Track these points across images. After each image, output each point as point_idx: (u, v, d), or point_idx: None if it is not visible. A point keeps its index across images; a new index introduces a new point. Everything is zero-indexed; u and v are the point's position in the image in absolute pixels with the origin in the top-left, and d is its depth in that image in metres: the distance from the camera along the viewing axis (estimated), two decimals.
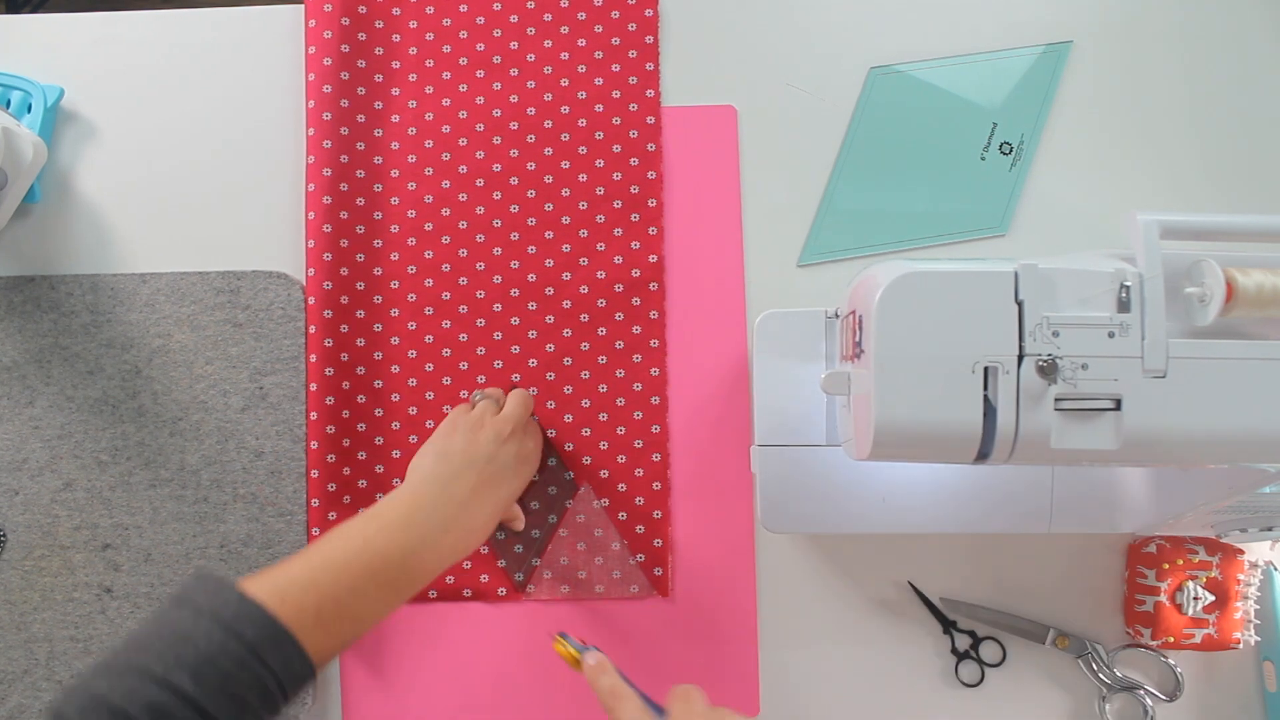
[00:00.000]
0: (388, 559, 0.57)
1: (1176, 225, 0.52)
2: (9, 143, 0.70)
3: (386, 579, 0.56)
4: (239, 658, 0.49)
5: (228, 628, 0.49)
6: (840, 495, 0.67)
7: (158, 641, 0.49)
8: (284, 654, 0.50)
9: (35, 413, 0.74)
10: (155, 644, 0.48)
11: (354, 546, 0.56)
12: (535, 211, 0.75)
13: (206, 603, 0.50)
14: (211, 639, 0.48)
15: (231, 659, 0.48)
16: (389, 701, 0.73)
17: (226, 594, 0.50)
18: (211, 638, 0.48)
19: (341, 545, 0.56)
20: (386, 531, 0.58)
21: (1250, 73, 0.76)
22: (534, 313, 0.74)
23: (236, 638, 0.49)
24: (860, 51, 0.76)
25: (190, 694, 0.47)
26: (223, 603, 0.50)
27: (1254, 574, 0.70)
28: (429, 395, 0.74)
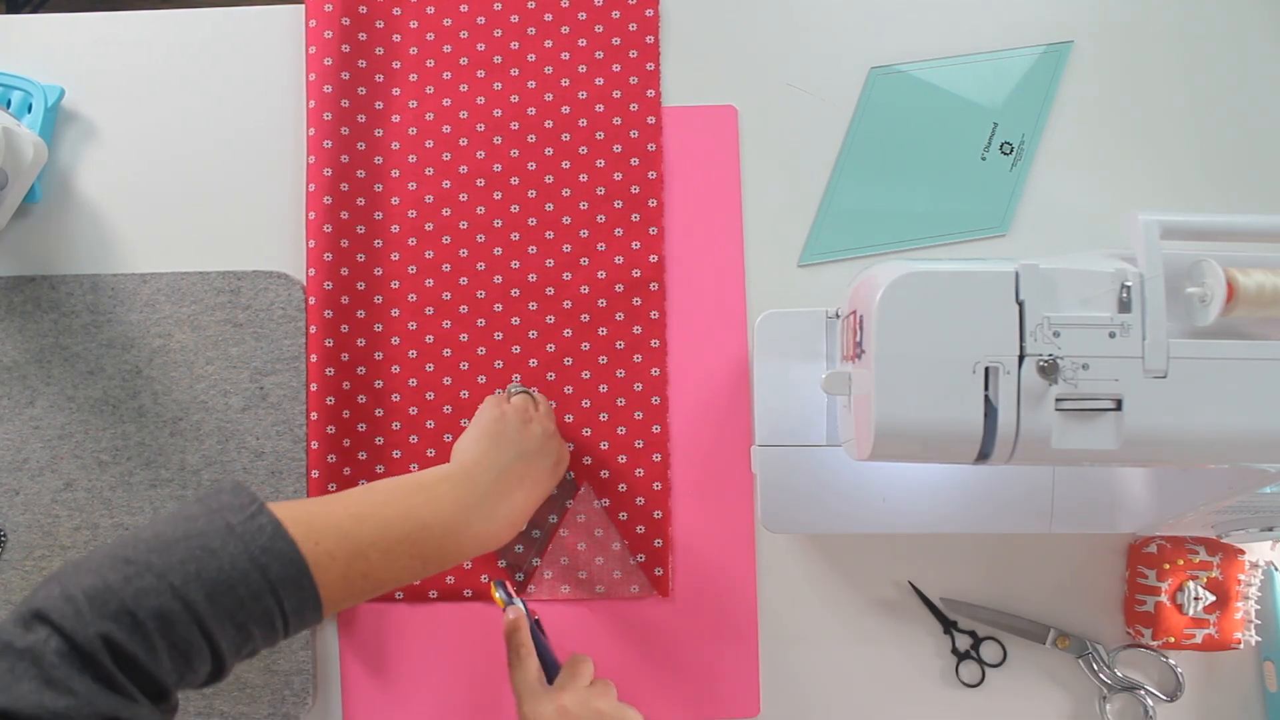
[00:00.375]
0: (429, 531, 0.56)
1: (1177, 225, 0.52)
2: (9, 143, 0.70)
3: (420, 551, 0.55)
4: (257, 591, 0.48)
5: (255, 558, 0.48)
6: (840, 495, 0.67)
7: (182, 548, 0.47)
8: (301, 598, 0.50)
9: (36, 413, 0.74)
10: (179, 550, 0.47)
11: (398, 511, 0.55)
12: (536, 211, 0.75)
13: (240, 525, 0.49)
14: (236, 564, 0.47)
15: (250, 590, 0.48)
16: (389, 701, 0.73)
17: (261, 520, 0.49)
18: (237, 563, 0.47)
19: (384, 505, 0.55)
20: (433, 504, 0.56)
21: (1250, 72, 0.76)
22: (534, 313, 0.74)
23: (261, 570, 0.48)
24: (860, 51, 0.76)
25: (201, 612, 0.46)
26: (257, 529, 0.49)
27: (1254, 574, 0.70)
28: (429, 395, 0.74)
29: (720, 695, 0.72)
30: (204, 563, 0.47)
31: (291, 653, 0.72)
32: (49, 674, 0.42)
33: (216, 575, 0.47)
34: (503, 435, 0.62)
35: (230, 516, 0.49)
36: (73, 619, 0.43)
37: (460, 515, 0.57)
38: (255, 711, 0.72)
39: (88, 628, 0.43)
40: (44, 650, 0.42)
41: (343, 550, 0.52)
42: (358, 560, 0.52)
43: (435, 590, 0.73)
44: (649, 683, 0.73)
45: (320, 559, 0.50)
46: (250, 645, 0.49)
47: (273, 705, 0.72)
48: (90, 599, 0.44)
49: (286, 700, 0.72)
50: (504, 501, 0.60)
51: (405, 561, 0.55)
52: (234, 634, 0.48)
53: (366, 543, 0.53)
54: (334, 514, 0.53)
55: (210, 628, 0.46)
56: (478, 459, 0.61)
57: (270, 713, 0.72)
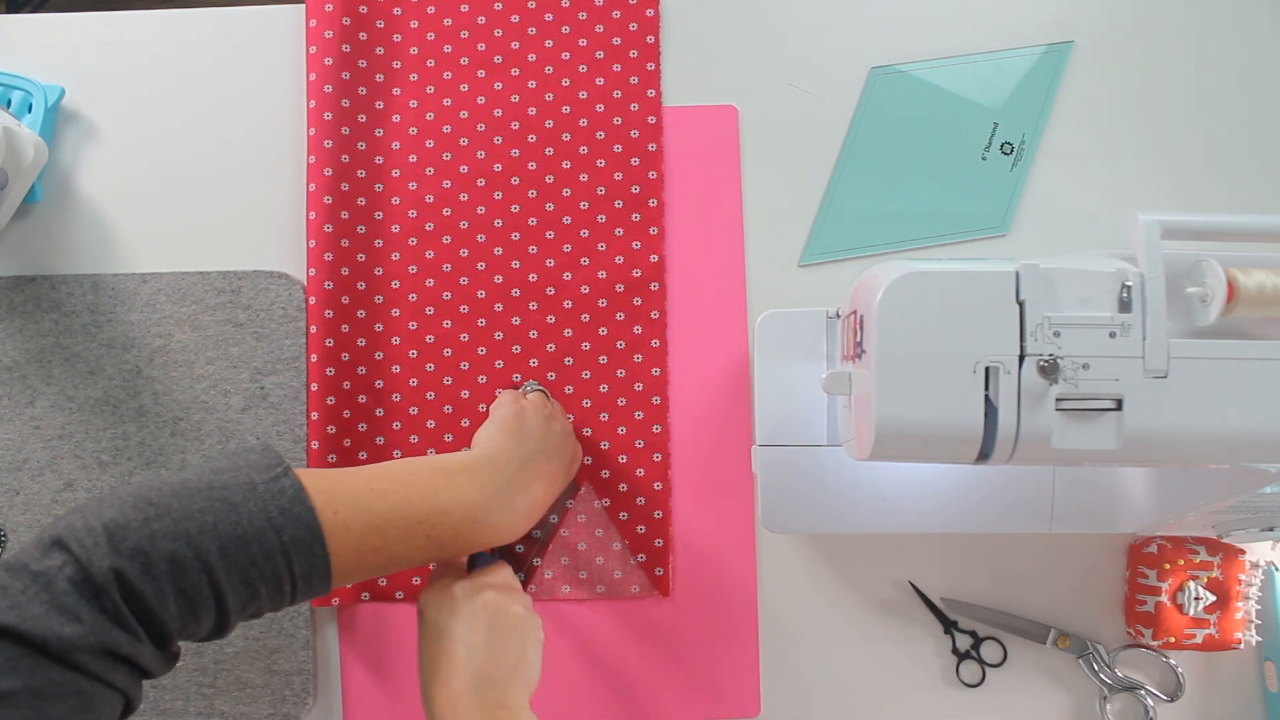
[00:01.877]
0: (448, 516, 0.55)
1: (1177, 225, 0.52)
2: (9, 143, 0.70)
3: (437, 535, 0.55)
4: (270, 550, 0.48)
5: (272, 518, 0.48)
6: (841, 495, 0.67)
7: (203, 498, 0.48)
8: (312, 564, 0.50)
9: (36, 413, 0.74)
10: (200, 499, 0.48)
11: (420, 492, 0.55)
12: (536, 211, 0.75)
13: (264, 484, 0.49)
14: (254, 521, 0.48)
15: (264, 549, 0.48)
16: (389, 701, 0.73)
17: (285, 482, 0.50)
18: (254, 520, 0.48)
19: (406, 485, 0.55)
20: (454, 490, 0.56)
21: (1251, 72, 0.76)
22: (535, 313, 0.74)
23: (276, 531, 0.48)
24: (861, 51, 0.76)
25: (212, 563, 0.46)
26: (279, 490, 0.49)
27: (1255, 574, 0.70)
28: (430, 395, 0.74)
29: (720, 695, 0.72)
30: (222, 515, 0.47)
31: (291, 653, 0.72)
32: (59, 599, 0.43)
33: (232, 529, 0.47)
34: (524, 429, 0.62)
35: (255, 475, 0.50)
36: (89, 549, 0.44)
37: (481, 504, 0.57)
38: (255, 711, 0.72)
39: (102, 560, 0.44)
40: (57, 576, 0.43)
41: (359, 523, 0.52)
42: (373, 535, 0.52)
43: None
44: (649, 683, 0.73)
45: (336, 528, 0.51)
46: (256, 604, 0.49)
47: (273, 705, 0.72)
48: (109, 533, 0.45)
49: (286, 700, 0.72)
50: (523, 494, 0.60)
51: (420, 543, 0.55)
52: (242, 590, 0.48)
53: (384, 519, 0.53)
54: (355, 486, 0.53)
55: (219, 579, 0.47)
56: (502, 450, 0.60)
57: (270, 713, 0.72)
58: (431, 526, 0.55)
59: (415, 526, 0.54)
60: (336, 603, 0.72)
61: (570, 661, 0.73)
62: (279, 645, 0.72)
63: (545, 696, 0.72)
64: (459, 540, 0.56)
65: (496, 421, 0.63)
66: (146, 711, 0.71)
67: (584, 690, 0.73)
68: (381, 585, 0.73)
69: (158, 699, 0.72)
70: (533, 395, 0.68)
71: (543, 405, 0.66)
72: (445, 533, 0.55)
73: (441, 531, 0.55)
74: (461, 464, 0.58)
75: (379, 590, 0.73)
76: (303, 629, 0.72)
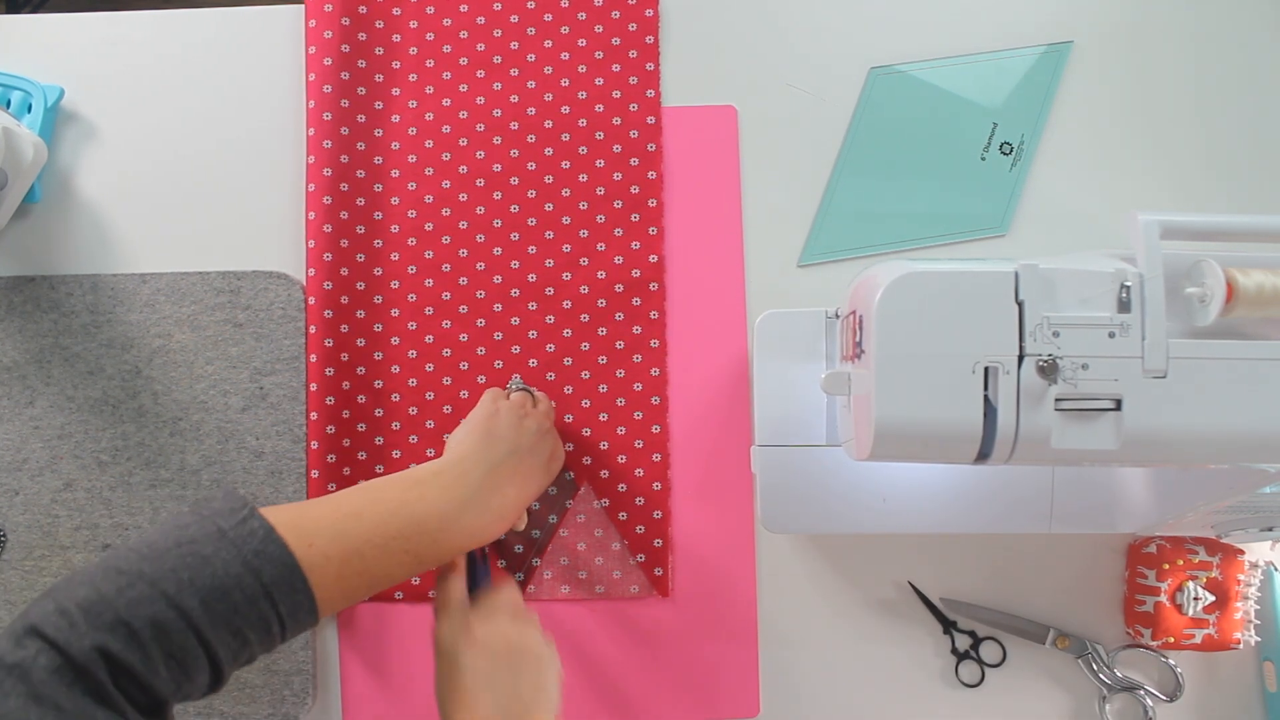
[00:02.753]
0: (422, 526, 0.55)
1: (1177, 225, 0.52)
2: (9, 143, 0.70)
3: (414, 546, 0.55)
4: (252, 595, 0.48)
5: (248, 563, 0.48)
6: (840, 495, 0.67)
7: (174, 556, 0.47)
8: (296, 601, 0.49)
9: (35, 413, 0.74)
10: (171, 557, 0.47)
11: (389, 507, 0.55)
12: (535, 211, 0.75)
13: (232, 530, 0.49)
14: (230, 570, 0.47)
15: (245, 594, 0.47)
16: (389, 701, 0.73)
17: (253, 524, 0.49)
18: (230, 569, 0.47)
19: (376, 502, 0.55)
20: (425, 500, 0.56)
21: (1251, 71, 0.76)
22: (534, 313, 0.74)
23: (254, 574, 0.48)
24: (860, 51, 0.76)
25: (196, 619, 0.46)
26: (248, 533, 0.49)
27: (1254, 574, 0.70)
28: (429, 395, 0.74)
29: (720, 695, 0.72)
30: (197, 569, 0.47)
31: (291, 653, 0.72)
32: (37, 690, 0.42)
33: (210, 581, 0.47)
34: (495, 430, 0.62)
35: (221, 521, 0.49)
36: (66, 632, 0.43)
37: (452, 509, 0.57)
38: (255, 711, 0.72)
39: (82, 640, 0.43)
40: (33, 666, 0.42)
41: (337, 550, 0.52)
42: (353, 559, 0.52)
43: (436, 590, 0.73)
44: (649, 683, 0.73)
45: (314, 560, 0.50)
46: (247, 651, 0.49)
47: (273, 705, 0.72)
48: (84, 611, 0.44)
49: (286, 700, 0.72)
50: (496, 495, 0.60)
51: (400, 557, 0.55)
52: (230, 640, 0.47)
53: (361, 540, 0.53)
54: (325, 515, 0.53)
55: (206, 635, 0.46)
56: (470, 453, 0.61)
57: (270, 713, 0.72)
58: (407, 540, 0.55)
59: (392, 543, 0.54)
60: None
61: (569, 662, 0.73)
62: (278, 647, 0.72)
63: None
64: (436, 548, 0.56)
65: (467, 425, 0.63)
66: None
67: (583, 690, 0.73)
68: None
69: None
70: (514, 395, 0.67)
71: (519, 405, 0.66)
72: (422, 542, 0.55)
73: (418, 542, 0.55)
74: (430, 472, 0.59)
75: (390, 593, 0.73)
76: None
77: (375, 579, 0.54)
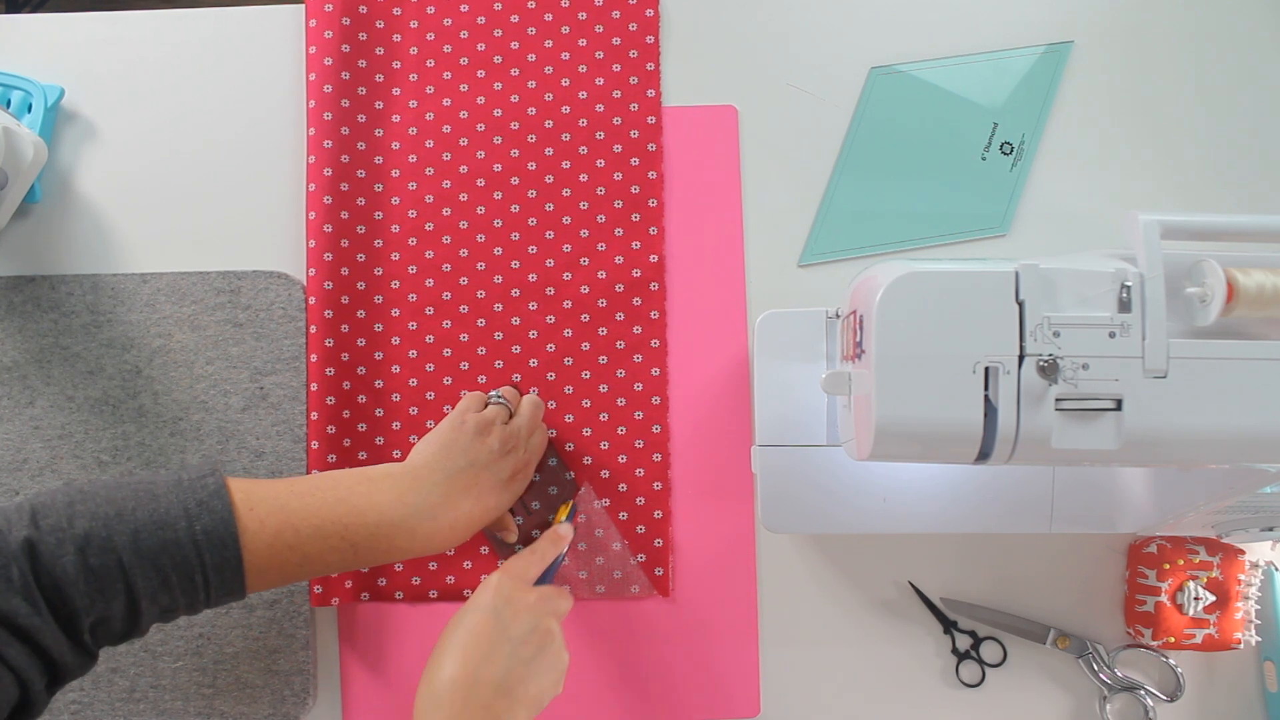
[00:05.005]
0: (363, 518, 0.57)
1: (1177, 225, 0.52)
2: (9, 143, 0.70)
3: (351, 536, 0.57)
4: (180, 539, 0.51)
5: (188, 510, 0.51)
6: (840, 495, 0.67)
7: (130, 490, 0.52)
8: (223, 557, 0.52)
9: (35, 413, 0.74)
10: (127, 490, 0.52)
11: (336, 494, 0.57)
12: (536, 211, 0.75)
13: (189, 481, 0.53)
14: (170, 511, 0.51)
15: (175, 536, 0.51)
16: (389, 701, 0.73)
17: (209, 480, 0.53)
18: (171, 510, 0.51)
19: (325, 489, 0.57)
20: (373, 496, 0.58)
21: (1251, 71, 0.76)
22: (534, 313, 0.74)
23: (190, 520, 0.51)
24: (861, 51, 0.76)
25: (121, 543, 0.49)
26: (201, 486, 0.53)
27: (1255, 574, 0.70)
28: (429, 395, 0.74)
29: (720, 695, 0.72)
30: (142, 502, 0.51)
31: (291, 653, 0.72)
32: None
33: (148, 516, 0.50)
34: (456, 443, 0.63)
35: (185, 474, 0.53)
36: (11, 523, 0.49)
37: (397, 509, 0.58)
38: (255, 711, 0.72)
39: (19, 531, 0.48)
40: None
41: (274, 520, 0.54)
42: (286, 531, 0.54)
43: (435, 590, 0.73)
44: (649, 683, 0.73)
45: (250, 524, 0.53)
46: (168, 596, 0.51)
47: (273, 705, 0.72)
48: (33, 510, 0.49)
49: (286, 700, 0.72)
50: (448, 506, 0.61)
51: (335, 543, 0.56)
52: (152, 575, 0.50)
53: (299, 517, 0.55)
54: (276, 487, 0.56)
55: (127, 560, 0.49)
56: (427, 460, 0.62)
57: (270, 713, 0.72)
58: (345, 528, 0.56)
59: (329, 526, 0.56)
60: (336, 603, 0.72)
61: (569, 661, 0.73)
62: (279, 645, 0.72)
63: None
64: (374, 543, 0.57)
65: (434, 433, 0.64)
66: (146, 712, 0.71)
67: (583, 690, 0.73)
68: (381, 585, 0.73)
69: (157, 699, 0.72)
70: (489, 408, 0.67)
71: (487, 420, 0.65)
72: (359, 534, 0.57)
73: (356, 534, 0.57)
74: (384, 472, 0.60)
75: (379, 590, 0.73)
76: (302, 629, 0.72)
77: (308, 558, 0.55)
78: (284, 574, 0.55)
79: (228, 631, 0.72)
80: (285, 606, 0.72)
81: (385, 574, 0.73)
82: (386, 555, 0.58)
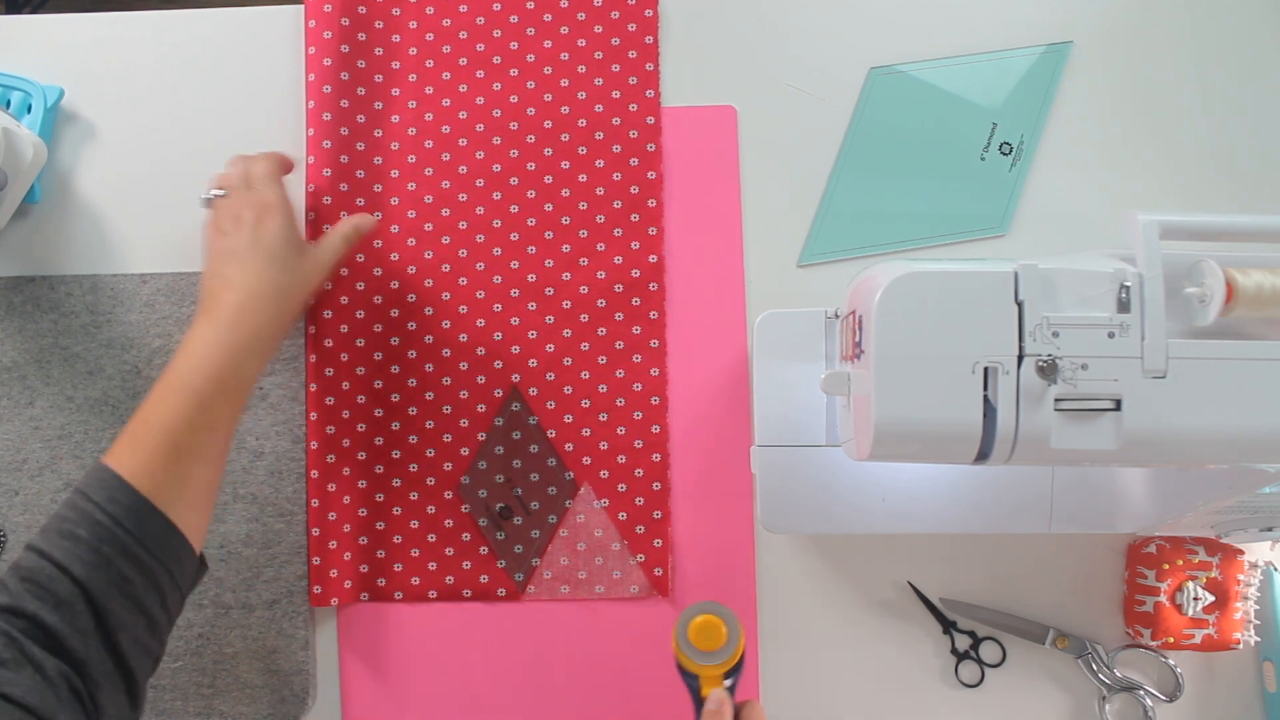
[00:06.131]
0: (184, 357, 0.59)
1: (1176, 225, 0.52)
2: (9, 143, 0.70)
3: (191, 383, 0.58)
4: (70, 501, 0.54)
5: (80, 491, 0.54)
6: (840, 495, 0.67)
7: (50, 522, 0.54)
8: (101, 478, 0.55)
9: (35, 413, 0.74)
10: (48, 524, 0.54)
11: (176, 380, 0.59)
12: (535, 212, 0.75)
13: (80, 483, 0.55)
14: (70, 503, 0.54)
15: (78, 510, 0.53)
16: (389, 701, 0.73)
17: (94, 470, 0.55)
18: (69, 502, 0.54)
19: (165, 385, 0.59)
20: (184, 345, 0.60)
21: (1251, 71, 0.76)
22: (534, 313, 0.74)
23: (83, 495, 0.54)
24: (860, 51, 0.76)
25: (47, 550, 0.52)
26: (86, 475, 0.55)
27: (1254, 574, 0.70)
28: (429, 395, 0.74)
29: None
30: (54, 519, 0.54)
31: (291, 653, 0.72)
32: None
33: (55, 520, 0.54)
34: (212, 254, 0.64)
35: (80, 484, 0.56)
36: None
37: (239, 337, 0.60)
38: (255, 711, 0.72)
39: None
40: None
41: (128, 432, 0.57)
42: (138, 426, 0.57)
43: (435, 590, 0.73)
44: (649, 683, 0.73)
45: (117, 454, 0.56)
46: (115, 570, 0.53)
47: (273, 705, 0.72)
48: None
49: (286, 700, 0.72)
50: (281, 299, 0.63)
51: (184, 396, 0.58)
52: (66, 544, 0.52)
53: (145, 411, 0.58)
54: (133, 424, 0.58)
55: (58, 559, 0.52)
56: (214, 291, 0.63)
57: (270, 713, 0.72)
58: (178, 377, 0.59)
59: (169, 392, 0.58)
60: (335, 603, 0.72)
61: (568, 662, 0.73)
62: (278, 645, 0.72)
63: (544, 697, 0.73)
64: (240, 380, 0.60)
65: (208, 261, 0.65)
66: (146, 712, 0.71)
67: (582, 691, 0.73)
68: (381, 585, 0.73)
69: (157, 699, 0.72)
70: (212, 213, 0.67)
71: (214, 222, 0.66)
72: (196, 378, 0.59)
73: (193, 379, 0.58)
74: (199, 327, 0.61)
75: (378, 590, 0.73)
76: (302, 629, 0.72)
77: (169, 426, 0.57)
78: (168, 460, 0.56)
79: (227, 632, 0.72)
80: (285, 606, 0.72)
81: (385, 574, 0.73)
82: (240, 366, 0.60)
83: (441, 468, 0.73)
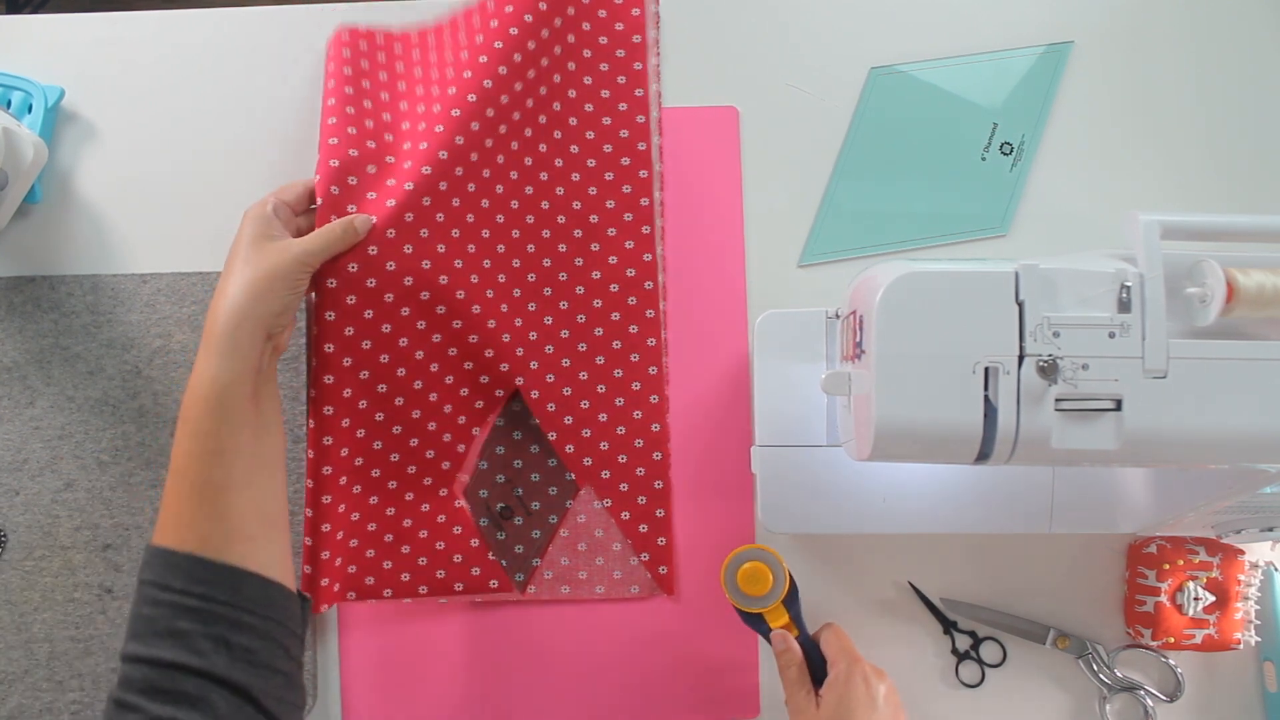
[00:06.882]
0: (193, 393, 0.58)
1: (1177, 225, 0.52)
2: (9, 143, 0.70)
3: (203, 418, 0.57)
4: (150, 597, 0.53)
5: (149, 581, 0.54)
6: (840, 495, 0.67)
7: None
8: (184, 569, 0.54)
9: (36, 413, 0.74)
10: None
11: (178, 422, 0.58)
12: (534, 210, 0.74)
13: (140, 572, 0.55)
14: (147, 598, 0.53)
15: (147, 602, 0.53)
16: (389, 702, 0.73)
17: (146, 555, 0.55)
18: (147, 597, 0.53)
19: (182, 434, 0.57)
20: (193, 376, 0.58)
21: (1251, 71, 0.76)
22: (534, 313, 0.74)
23: (140, 582, 0.54)
24: (861, 51, 0.76)
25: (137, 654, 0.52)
26: (141, 565, 0.55)
27: (1254, 574, 0.70)
28: (432, 397, 0.73)
29: (720, 696, 0.72)
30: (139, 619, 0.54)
31: None
32: None
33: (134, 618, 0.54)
34: None
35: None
36: None
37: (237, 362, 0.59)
38: None
39: None
40: None
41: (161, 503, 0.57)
42: (164, 490, 0.57)
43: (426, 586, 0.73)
44: (648, 684, 0.73)
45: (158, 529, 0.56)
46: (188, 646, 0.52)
47: None
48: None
49: None
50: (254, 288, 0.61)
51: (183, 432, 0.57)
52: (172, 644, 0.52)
53: (184, 462, 0.57)
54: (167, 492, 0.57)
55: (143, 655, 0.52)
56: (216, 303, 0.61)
57: None
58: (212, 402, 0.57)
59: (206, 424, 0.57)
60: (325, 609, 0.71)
61: (569, 662, 0.73)
62: None
63: (544, 697, 0.73)
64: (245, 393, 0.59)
65: None
66: None
67: (583, 691, 0.73)
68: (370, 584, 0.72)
69: None
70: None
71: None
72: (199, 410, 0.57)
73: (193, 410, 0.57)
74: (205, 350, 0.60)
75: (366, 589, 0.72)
76: None
77: (198, 487, 0.56)
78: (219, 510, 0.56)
79: None
80: None
81: (374, 572, 0.72)
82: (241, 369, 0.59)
83: (440, 467, 0.73)
